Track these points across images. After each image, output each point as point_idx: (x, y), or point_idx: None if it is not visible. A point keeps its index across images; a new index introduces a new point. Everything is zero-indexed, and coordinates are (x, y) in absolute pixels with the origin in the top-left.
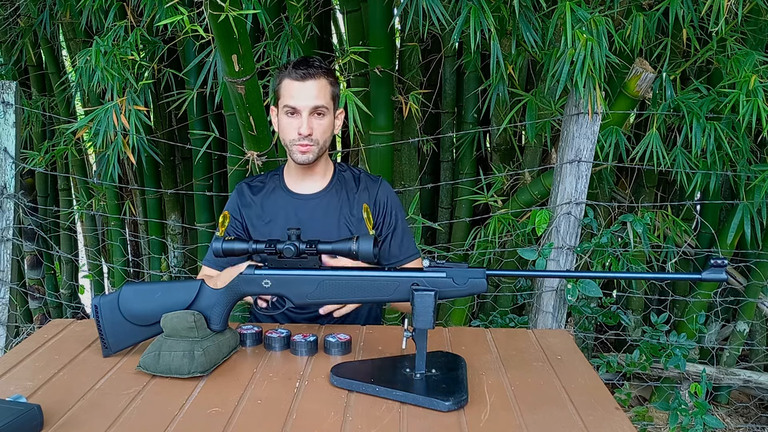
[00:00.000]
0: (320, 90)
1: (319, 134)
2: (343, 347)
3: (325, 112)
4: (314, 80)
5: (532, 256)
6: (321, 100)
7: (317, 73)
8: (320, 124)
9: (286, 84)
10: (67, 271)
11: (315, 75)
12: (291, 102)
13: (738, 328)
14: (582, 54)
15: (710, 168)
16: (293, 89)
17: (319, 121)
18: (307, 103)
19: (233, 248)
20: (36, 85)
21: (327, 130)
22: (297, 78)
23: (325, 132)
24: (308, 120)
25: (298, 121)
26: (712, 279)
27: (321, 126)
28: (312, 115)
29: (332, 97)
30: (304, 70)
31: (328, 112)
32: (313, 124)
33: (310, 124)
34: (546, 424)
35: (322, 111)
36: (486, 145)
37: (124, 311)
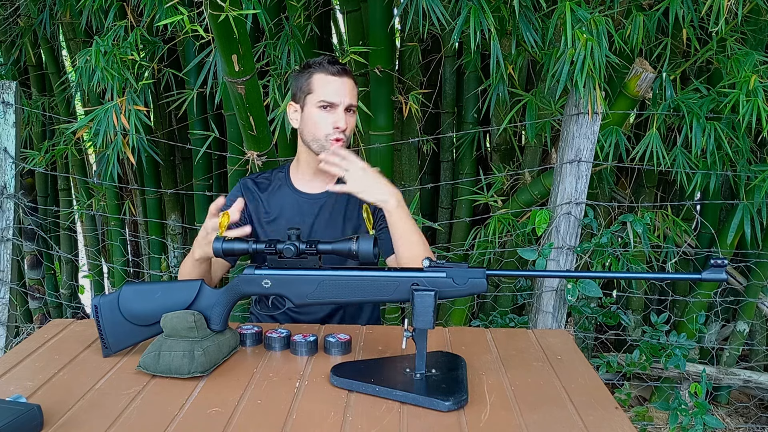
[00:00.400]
0: (352, 88)
1: (349, 131)
2: (343, 347)
3: (355, 110)
4: (348, 78)
5: (532, 256)
6: (354, 99)
7: (350, 72)
8: (351, 121)
9: (321, 78)
10: (67, 271)
11: (348, 73)
12: (329, 97)
13: (738, 328)
14: (582, 54)
15: (710, 168)
16: (330, 84)
17: (350, 119)
18: (345, 99)
19: (233, 248)
20: (36, 85)
21: (353, 129)
22: (334, 73)
23: (352, 130)
24: (344, 116)
25: (334, 116)
26: (712, 279)
27: (351, 123)
28: (346, 111)
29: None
30: (340, 67)
31: (356, 112)
32: (347, 120)
33: (346, 119)
34: (546, 424)
35: (353, 109)
36: (486, 145)
37: (124, 311)
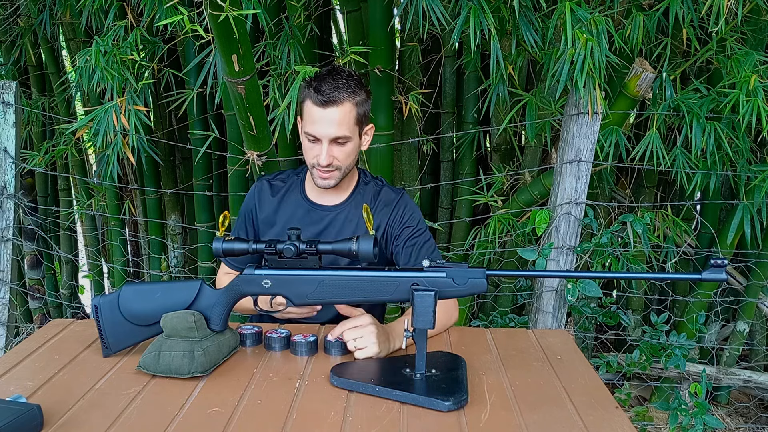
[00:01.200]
0: (343, 117)
1: (342, 159)
2: (343, 347)
3: (347, 140)
4: (336, 107)
5: (532, 256)
6: (343, 130)
7: (340, 97)
8: (342, 150)
9: (308, 107)
10: (67, 271)
11: (338, 100)
12: (311, 130)
13: (738, 328)
14: (582, 54)
15: (710, 168)
16: (314, 116)
17: (341, 148)
18: (327, 133)
19: (233, 248)
20: (36, 85)
21: (351, 155)
22: (318, 104)
23: (348, 156)
24: (329, 149)
25: (319, 147)
26: (712, 279)
27: (343, 152)
28: (333, 144)
29: (357, 121)
30: (326, 97)
31: (353, 138)
32: (334, 152)
33: (330, 153)
34: (546, 424)
35: (344, 139)
36: (486, 145)
37: (124, 311)
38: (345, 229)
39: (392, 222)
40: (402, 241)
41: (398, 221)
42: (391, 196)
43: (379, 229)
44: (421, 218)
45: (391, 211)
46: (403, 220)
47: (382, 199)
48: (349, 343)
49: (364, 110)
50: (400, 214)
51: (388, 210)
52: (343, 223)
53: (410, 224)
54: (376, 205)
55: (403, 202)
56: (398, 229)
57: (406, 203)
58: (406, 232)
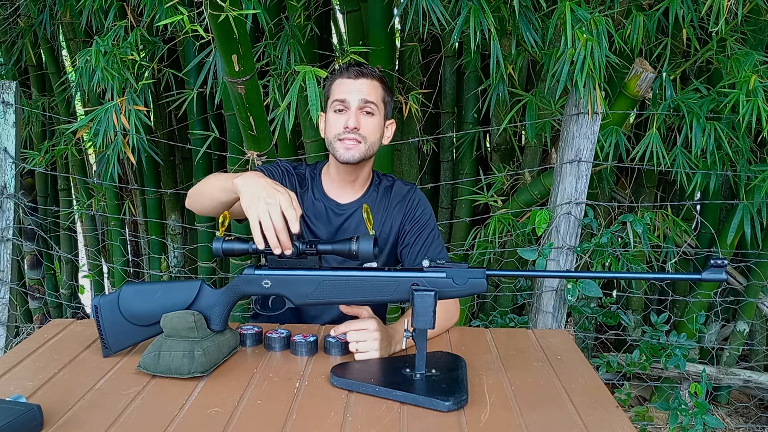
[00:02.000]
0: (372, 89)
1: (367, 132)
2: (343, 347)
3: (374, 110)
4: (366, 79)
5: (532, 256)
6: (372, 96)
7: (371, 74)
8: (369, 121)
9: (338, 82)
10: (67, 271)
11: (368, 75)
12: (340, 95)
13: (738, 328)
14: (582, 54)
15: (710, 168)
16: (345, 85)
17: (368, 119)
18: (357, 96)
19: (233, 248)
20: (36, 85)
21: (375, 131)
22: (350, 75)
23: (372, 132)
24: (356, 114)
25: (346, 115)
26: (712, 279)
27: (369, 124)
28: (361, 111)
29: (383, 100)
30: (358, 69)
31: (378, 113)
32: (360, 120)
33: (357, 118)
34: (546, 424)
35: (372, 109)
36: (486, 145)
37: (124, 311)
38: (362, 225)
39: (406, 217)
40: (412, 237)
41: (410, 217)
42: (403, 190)
43: (393, 224)
44: (432, 215)
45: (405, 206)
46: (415, 215)
47: (395, 193)
48: (351, 344)
49: (388, 99)
50: (413, 208)
51: (402, 204)
52: (360, 220)
53: (421, 220)
54: (391, 200)
55: (416, 196)
56: (409, 224)
57: (419, 198)
58: (416, 228)
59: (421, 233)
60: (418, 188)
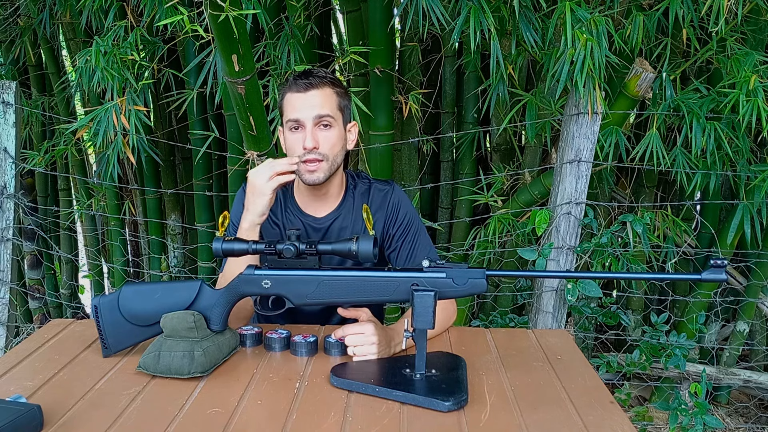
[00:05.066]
0: (324, 99)
1: (327, 148)
2: (343, 348)
3: (331, 122)
4: (317, 89)
5: (532, 256)
6: (325, 109)
7: (320, 82)
8: (327, 136)
9: (289, 98)
10: (67, 271)
11: (318, 84)
12: (293, 115)
13: (738, 328)
14: (582, 54)
15: (710, 168)
16: (295, 101)
17: (326, 134)
18: (310, 113)
19: (233, 248)
20: (36, 85)
21: (336, 144)
22: (299, 89)
23: (333, 146)
24: (312, 132)
25: (303, 134)
26: (712, 279)
27: (328, 139)
28: (317, 126)
29: (339, 107)
30: (305, 81)
31: (336, 123)
32: (318, 136)
33: (314, 137)
34: (546, 424)
35: (328, 121)
36: (486, 145)
37: (124, 311)
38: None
39: (388, 221)
40: (399, 242)
41: (393, 221)
42: (381, 194)
43: (376, 230)
44: (414, 213)
45: (386, 210)
46: (398, 218)
47: (374, 198)
48: (349, 348)
49: (345, 102)
50: (395, 211)
51: (382, 211)
52: (338, 233)
53: (405, 222)
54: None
55: (395, 197)
56: (393, 228)
57: (399, 198)
58: (400, 231)
59: (406, 236)
60: (396, 186)
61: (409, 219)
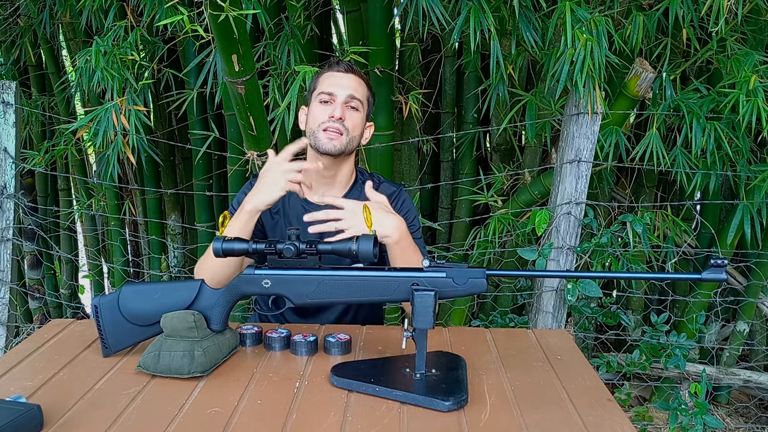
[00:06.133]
0: (359, 85)
1: (350, 125)
2: (343, 347)
3: (359, 107)
4: (355, 75)
5: (532, 256)
6: (358, 93)
7: (359, 72)
8: (353, 115)
9: (326, 75)
10: (67, 271)
11: (357, 73)
12: (328, 88)
13: (738, 328)
14: (582, 54)
15: (710, 168)
16: (333, 78)
17: (352, 113)
18: (345, 91)
19: (233, 248)
20: (36, 85)
21: (358, 126)
22: (339, 69)
23: (356, 126)
24: (342, 107)
25: (332, 106)
26: (712, 279)
27: (353, 118)
28: (346, 105)
29: (367, 99)
30: (348, 65)
31: (362, 109)
32: (345, 112)
33: (343, 110)
34: (546, 424)
35: (357, 105)
36: (486, 145)
37: (124, 311)
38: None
39: None
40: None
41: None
42: (389, 191)
43: None
44: (416, 217)
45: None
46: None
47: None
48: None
49: (371, 99)
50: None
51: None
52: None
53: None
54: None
55: (401, 198)
56: None
57: (404, 200)
58: None
59: None
60: (404, 189)
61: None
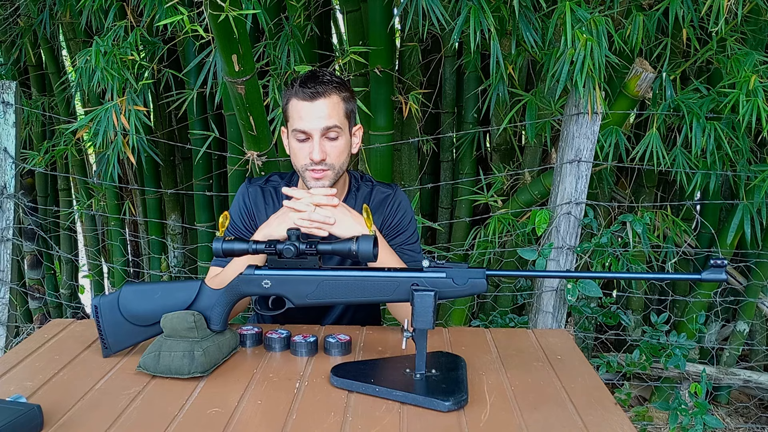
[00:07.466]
0: (332, 108)
1: (334, 158)
2: (343, 348)
3: (339, 133)
4: (324, 99)
5: (532, 256)
6: (333, 120)
7: (327, 90)
8: (334, 146)
9: (294, 105)
10: (67, 271)
11: (325, 93)
12: (300, 125)
13: (738, 328)
14: (582, 54)
15: (710, 168)
16: (302, 110)
17: (333, 144)
18: (318, 125)
19: (233, 248)
20: (36, 85)
21: (342, 153)
22: (305, 97)
23: (340, 155)
24: (320, 143)
25: (310, 145)
26: (712, 279)
27: (335, 149)
28: (324, 137)
29: (346, 114)
30: (312, 89)
31: (343, 133)
32: (326, 147)
33: (322, 148)
34: (546, 424)
35: (336, 132)
36: (486, 145)
37: (124, 311)
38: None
39: (384, 222)
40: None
41: (389, 222)
42: (382, 195)
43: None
44: (413, 219)
45: (384, 211)
46: (394, 220)
47: (375, 199)
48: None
49: (351, 107)
50: (392, 213)
51: (380, 211)
52: None
53: (400, 225)
54: (371, 208)
55: (396, 200)
56: (386, 229)
57: (399, 202)
58: (392, 233)
59: (395, 238)
60: (399, 190)
61: (406, 223)
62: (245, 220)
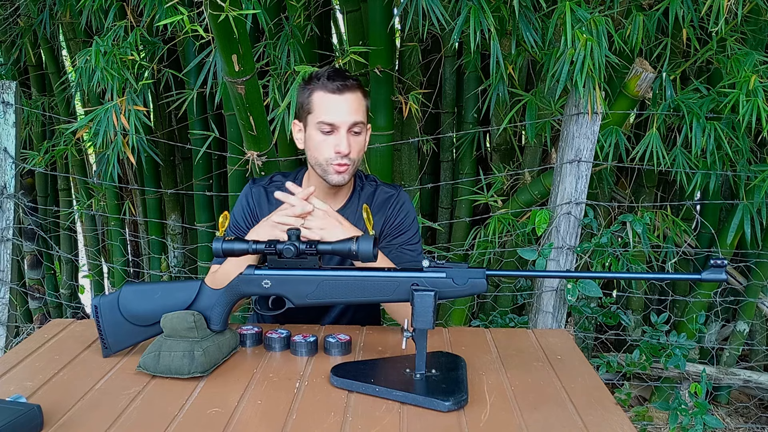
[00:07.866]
0: (358, 105)
1: (356, 153)
2: (343, 348)
3: (362, 129)
4: (351, 93)
5: (532, 256)
6: (360, 115)
7: (353, 85)
8: (357, 142)
9: (320, 97)
10: (67, 271)
11: (351, 88)
12: (328, 118)
13: (738, 328)
14: (582, 54)
15: (710, 168)
16: (330, 103)
17: (357, 139)
18: (347, 119)
19: (233, 248)
20: (36, 85)
21: (362, 149)
22: (334, 90)
23: (360, 151)
24: (347, 138)
25: (336, 138)
26: (712, 279)
27: (358, 144)
28: (350, 132)
29: (367, 112)
30: (341, 82)
31: (364, 130)
32: (351, 143)
33: (348, 142)
34: (546, 424)
35: (360, 128)
36: (486, 145)
37: (124, 311)
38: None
39: (386, 222)
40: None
41: (390, 222)
42: (385, 196)
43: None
44: (415, 219)
45: (387, 211)
46: (396, 221)
47: (377, 200)
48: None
49: (368, 106)
50: (395, 214)
51: (382, 212)
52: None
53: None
54: (374, 207)
55: (399, 201)
56: (389, 229)
57: (402, 203)
58: (393, 233)
59: (396, 238)
60: (402, 191)
61: (408, 223)
62: (248, 221)
